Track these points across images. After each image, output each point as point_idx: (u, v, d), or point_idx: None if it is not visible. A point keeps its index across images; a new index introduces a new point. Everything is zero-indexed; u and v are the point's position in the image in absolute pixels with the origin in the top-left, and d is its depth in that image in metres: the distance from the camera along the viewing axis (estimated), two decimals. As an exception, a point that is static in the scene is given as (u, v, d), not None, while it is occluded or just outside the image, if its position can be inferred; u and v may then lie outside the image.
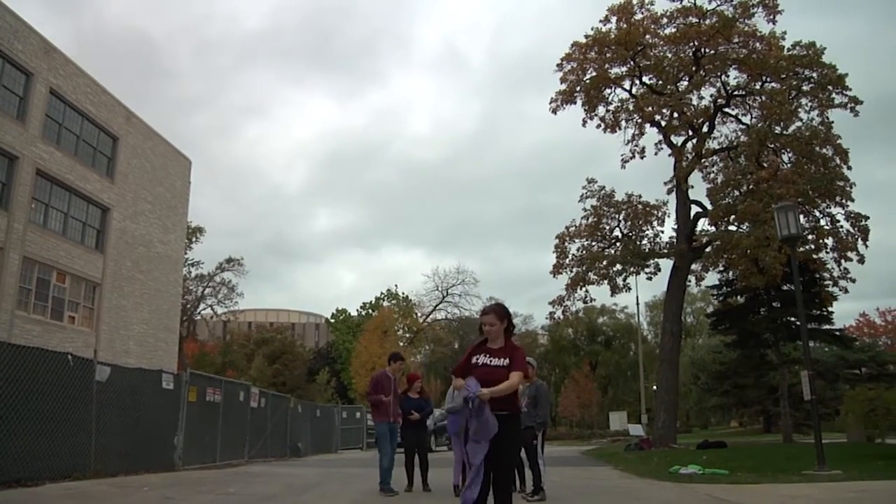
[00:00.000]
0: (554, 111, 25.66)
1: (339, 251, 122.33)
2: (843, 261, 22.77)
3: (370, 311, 61.16)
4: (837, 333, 29.80)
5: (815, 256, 22.97)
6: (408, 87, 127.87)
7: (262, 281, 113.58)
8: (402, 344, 52.86)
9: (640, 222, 25.17)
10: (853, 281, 23.17)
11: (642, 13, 24.74)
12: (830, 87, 22.82)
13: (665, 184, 25.42)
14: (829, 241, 22.94)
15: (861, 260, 22.52)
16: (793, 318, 25.88)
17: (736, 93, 24.68)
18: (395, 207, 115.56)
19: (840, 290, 23.76)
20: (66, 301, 23.74)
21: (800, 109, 23.36)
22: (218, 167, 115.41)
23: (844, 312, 59.79)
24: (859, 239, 22.51)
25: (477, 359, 4.48)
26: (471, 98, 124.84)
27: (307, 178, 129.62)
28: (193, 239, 49.62)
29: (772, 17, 23.39)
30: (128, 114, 27.58)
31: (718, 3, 23.78)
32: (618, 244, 25.33)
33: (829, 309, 26.76)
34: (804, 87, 23.32)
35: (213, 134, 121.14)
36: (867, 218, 22.55)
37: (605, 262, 24.75)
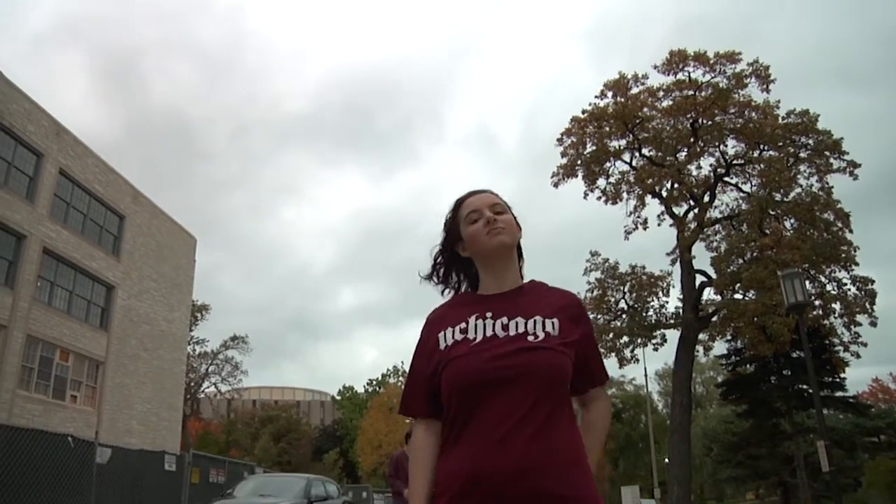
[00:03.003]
0: (556, 185, 26.02)
1: (362, 328, 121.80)
2: (852, 325, 22.59)
3: (377, 388, 60.56)
4: (851, 400, 29.30)
5: (823, 322, 22.80)
6: (441, 167, 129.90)
7: (282, 358, 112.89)
8: (408, 421, 51.93)
9: (645, 293, 25.06)
10: (864, 345, 22.91)
11: (638, 87, 25.32)
12: (828, 153, 23.12)
13: (668, 255, 25.50)
14: (837, 307, 22.82)
15: (873, 323, 22.34)
16: (804, 386, 25.52)
17: (735, 161, 24.98)
18: (422, 284, 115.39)
19: (852, 355, 23.47)
20: (68, 380, 23.52)
21: (799, 176, 23.63)
22: (247, 246, 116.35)
23: (857, 378, 59.17)
24: (867, 302, 22.40)
25: (461, 329, 1.77)
26: (502, 177, 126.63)
27: (335, 256, 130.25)
28: (199, 316, 49.60)
29: (765, 86, 23.90)
30: (135, 193, 27.96)
31: (713, 75, 24.34)
32: (624, 316, 25.19)
33: (842, 375, 26.40)
34: (801, 154, 23.63)
35: (244, 213, 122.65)
36: (873, 281, 22.52)
37: (611, 335, 24.56)
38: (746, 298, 22.67)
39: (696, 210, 24.83)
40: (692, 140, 24.53)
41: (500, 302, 1.81)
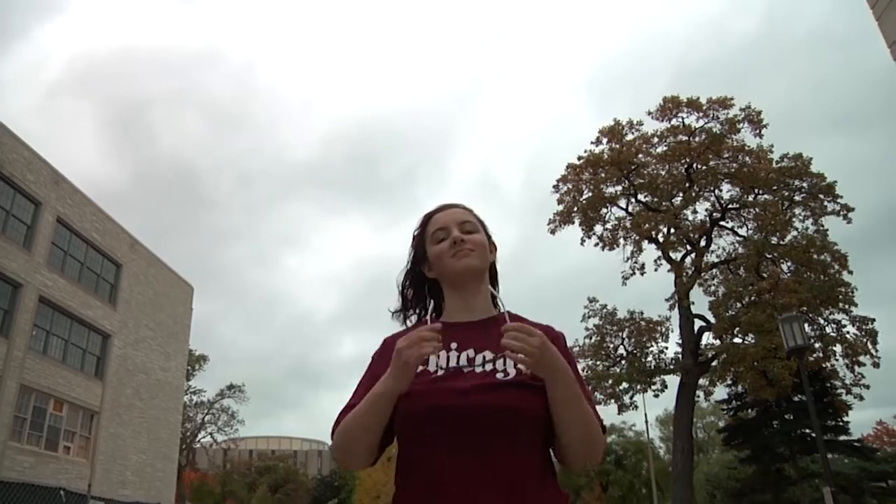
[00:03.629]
0: (552, 232, 26.06)
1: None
2: (856, 366, 22.39)
3: (374, 435, 59.84)
4: (857, 444, 28.87)
5: (824, 365, 22.63)
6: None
7: (282, 407, 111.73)
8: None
9: (644, 339, 24.94)
10: (867, 387, 22.67)
11: (633, 134, 25.60)
12: (822, 196, 23.27)
13: (666, 300, 25.44)
14: (838, 348, 22.66)
15: (875, 364, 22.13)
16: (807, 430, 25.20)
17: (730, 206, 25.11)
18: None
19: (855, 398, 23.23)
20: (61, 430, 23.16)
21: (794, 219, 23.75)
22: (250, 295, 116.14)
23: (861, 421, 58.19)
24: (869, 342, 22.24)
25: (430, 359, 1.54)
26: (505, 225, 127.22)
27: (338, 305, 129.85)
28: (197, 366, 49.26)
29: (758, 131, 24.24)
30: (132, 241, 27.99)
31: (706, 120, 24.64)
32: (623, 362, 25.02)
33: (845, 418, 26.09)
34: (796, 197, 23.78)
35: (248, 262, 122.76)
36: (873, 320, 22.37)
37: (610, 381, 24.36)
38: (746, 342, 22.54)
39: (693, 255, 24.85)
40: (687, 185, 24.70)
41: (467, 332, 1.60)
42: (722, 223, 25.39)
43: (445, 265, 1.67)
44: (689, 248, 25.13)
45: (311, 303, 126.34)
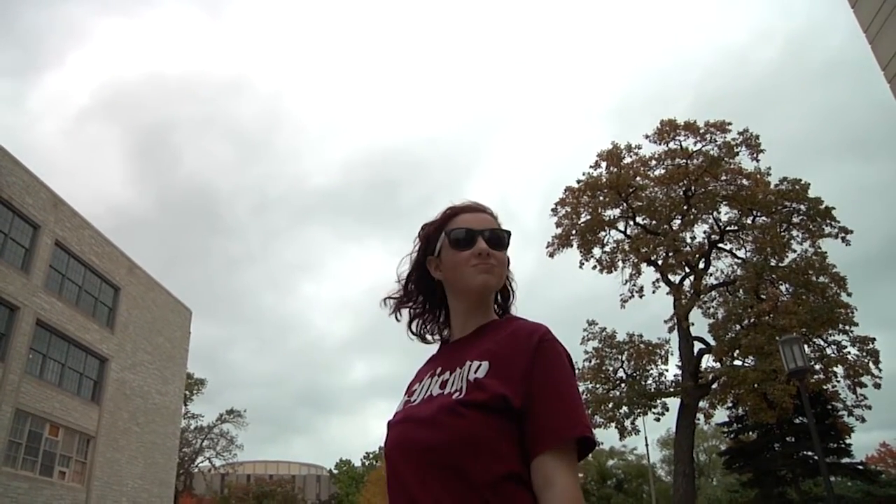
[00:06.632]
0: (551, 255, 26.01)
1: (374, 402, 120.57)
2: (857, 388, 22.22)
3: (374, 461, 59.38)
4: (860, 467, 28.58)
5: (825, 387, 22.48)
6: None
7: (290, 432, 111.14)
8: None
9: (644, 362, 24.78)
10: (869, 408, 22.48)
11: (631, 157, 25.68)
12: (819, 219, 23.28)
13: (665, 322, 25.34)
14: (839, 370, 22.51)
15: (877, 385, 21.95)
16: (809, 453, 25.00)
17: (728, 228, 25.13)
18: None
19: (857, 420, 23.04)
20: (57, 455, 22.97)
21: (792, 241, 23.75)
22: (265, 320, 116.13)
23: (865, 444, 57.50)
24: (870, 362, 22.08)
25: (411, 391, 1.58)
26: (522, 252, 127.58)
27: (351, 331, 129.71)
28: (195, 390, 49.03)
29: (755, 155, 24.31)
30: (130, 264, 27.96)
31: (703, 143, 24.73)
32: (622, 385, 24.86)
33: (847, 441, 25.88)
34: (794, 220, 23.79)
35: (264, 287, 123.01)
36: (873, 340, 22.22)
37: (610, 405, 24.19)
38: (746, 365, 22.42)
39: (691, 277, 24.82)
40: (685, 208, 24.73)
41: (453, 352, 1.52)
42: (720, 245, 25.40)
43: (461, 275, 1.52)
44: (687, 270, 25.09)
45: (325, 328, 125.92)
